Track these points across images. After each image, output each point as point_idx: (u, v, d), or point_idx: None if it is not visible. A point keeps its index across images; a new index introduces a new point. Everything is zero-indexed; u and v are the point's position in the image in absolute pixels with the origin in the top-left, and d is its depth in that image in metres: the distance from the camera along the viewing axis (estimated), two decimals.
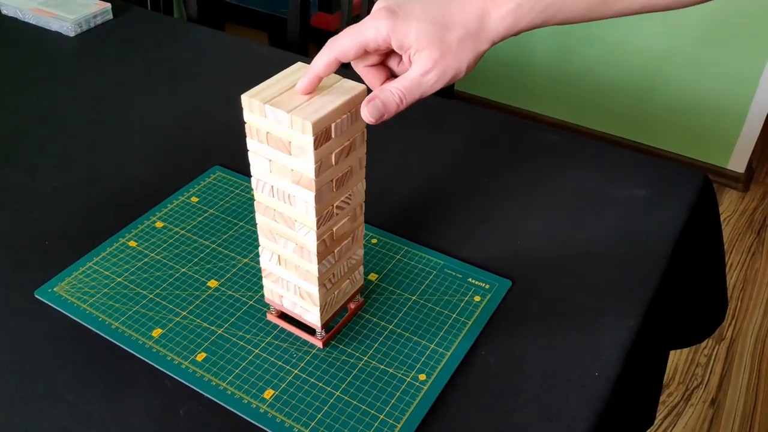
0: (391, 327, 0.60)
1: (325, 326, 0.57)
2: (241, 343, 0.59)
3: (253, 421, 0.53)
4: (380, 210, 0.73)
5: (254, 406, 0.54)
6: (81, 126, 0.87)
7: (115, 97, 0.93)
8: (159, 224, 0.72)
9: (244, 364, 0.57)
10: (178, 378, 0.56)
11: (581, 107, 2.00)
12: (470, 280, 0.65)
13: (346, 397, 0.55)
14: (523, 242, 0.69)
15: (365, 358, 0.58)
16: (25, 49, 1.04)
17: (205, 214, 0.73)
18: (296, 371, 0.57)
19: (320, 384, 0.56)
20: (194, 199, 0.75)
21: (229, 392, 0.55)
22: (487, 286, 0.64)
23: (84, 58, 1.02)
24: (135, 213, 0.73)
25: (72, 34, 1.07)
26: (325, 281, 0.54)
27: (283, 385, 0.56)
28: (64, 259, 0.67)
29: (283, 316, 0.61)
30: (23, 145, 0.83)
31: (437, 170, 0.79)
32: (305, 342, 0.59)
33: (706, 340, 1.43)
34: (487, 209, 0.74)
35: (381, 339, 0.59)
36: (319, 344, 0.58)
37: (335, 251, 0.53)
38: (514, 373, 0.57)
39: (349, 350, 0.58)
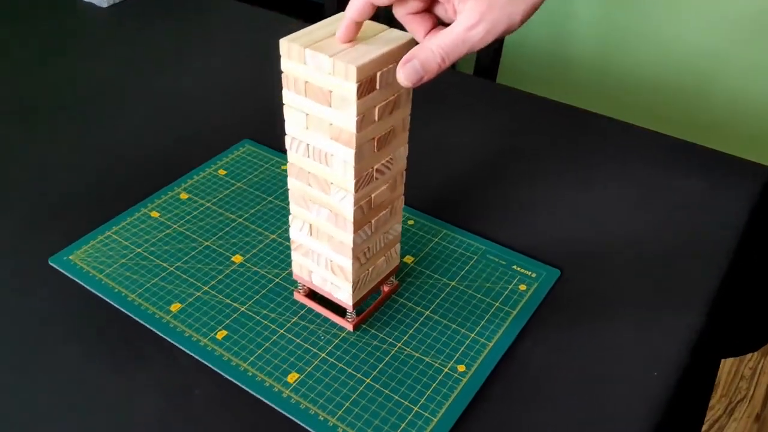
0: (427, 313, 0.55)
1: (357, 306, 0.53)
2: (265, 322, 0.55)
3: (274, 406, 0.49)
4: (418, 192, 0.68)
5: (276, 389, 0.50)
6: (110, 95, 0.83)
7: (146, 68, 0.89)
8: (184, 196, 0.68)
9: (267, 344, 0.53)
10: (195, 356, 0.52)
11: (627, 106, 1.93)
12: (515, 267, 0.60)
13: (377, 386, 0.50)
14: (572, 231, 0.64)
15: (399, 345, 0.53)
16: (57, 18, 1.01)
17: (232, 188, 0.69)
18: (323, 354, 0.52)
19: (349, 370, 0.51)
20: (222, 172, 0.71)
21: (250, 374, 0.51)
22: (534, 275, 0.59)
23: (116, 28, 0.98)
24: (160, 184, 0.69)
25: (105, 5, 1.04)
26: (359, 254, 0.49)
27: (309, 369, 0.51)
28: (82, 227, 0.64)
29: (312, 295, 0.56)
30: (52, 112, 0.80)
31: (479, 154, 0.74)
32: (334, 324, 0.54)
33: (751, 353, 1.35)
34: (531, 196, 0.68)
35: (416, 325, 0.54)
36: (350, 327, 0.54)
37: (372, 222, 0.48)
38: (563, 369, 0.51)
39: (382, 335, 0.54)
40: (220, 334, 0.54)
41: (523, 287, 0.58)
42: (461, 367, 0.51)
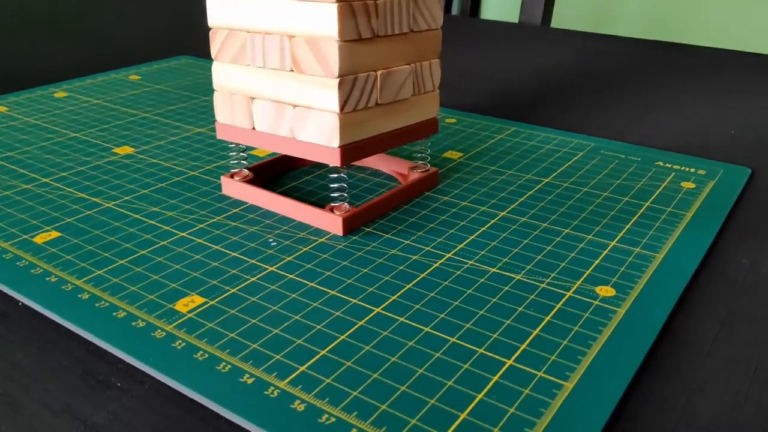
0: (504, 214, 0.26)
1: (350, 156, 0.23)
2: (151, 221, 0.25)
3: (126, 356, 0.18)
4: (462, 97, 0.41)
5: (140, 324, 0.19)
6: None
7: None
8: (60, 94, 0.40)
9: (143, 251, 0.23)
10: None
11: None
12: (660, 163, 0.31)
13: (402, 318, 0.20)
14: (737, 132, 0.36)
15: (450, 255, 0.23)
16: None
17: (145, 89, 0.41)
18: (272, 268, 0.22)
19: (333, 292, 0.21)
20: (134, 77, 0.44)
21: (85, 296, 0.21)
22: (703, 172, 0.30)
23: None
24: (30, 86, 0.42)
25: None
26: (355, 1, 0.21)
27: (233, 290, 0.21)
28: None
29: (256, 182, 0.27)
30: None
31: (555, 77, 0.47)
32: (303, 226, 0.25)
33: None
34: (651, 103, 0.41)
35: (484, 229, 0.25)
36: (337, 228, 0.24)
37: None
38: None
39: (408, 242, 0.24)
40: (43, 237, 0.24)
41: (688, 185, 0.29)
42: (604, 289, 0.21)
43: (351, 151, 0.23)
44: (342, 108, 0.22)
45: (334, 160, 0.23)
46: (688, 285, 0.22)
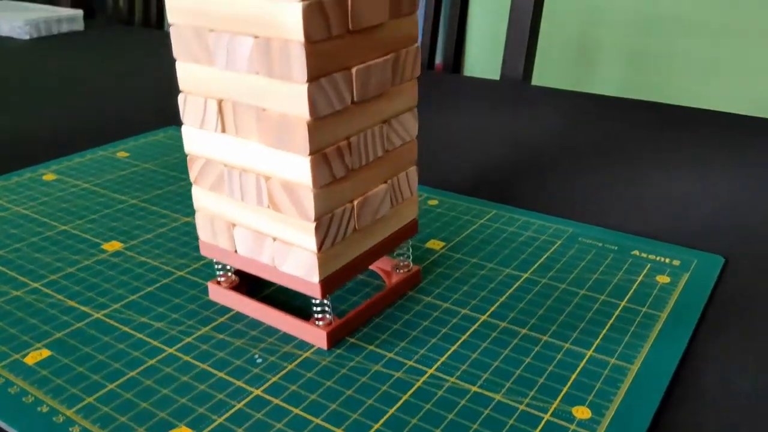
0: (485, 318, 0.27)
1: (330, 287, 0.24)
2: (139, 335, 0.26)
3: None
4: (444, 175, 0.42)
5: None
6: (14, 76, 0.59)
7: (65, 74, 0.65)
8: (49, 177, 0.41)
9: (132, 373, 0.24)
10: None
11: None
12: (636, 253, 0.32)
13: None
14: (702, 216, 0.37)
15: (431, 371, 0.24)
16: None
17: (133, 169, 0.42)
18: (258, 391, 0.23)
19: (317, 420, 0.21)
20: (122, 154, 0.44)
21: (77, 429, 0.21)
22: (678, 263, 0.31)
23: (37, 58, 0.76)
24: (18, 167, 0.43)
25: (26, 37, 0.83)
26: (326, 140, 0.21)
27: (221, 420, 0.21)
28: None
29: (243, 287, 0.28)
30: None
31: (529, 147, 0.48)
32: (288, 339, 0.25)
33: None
34: (629, 177, 0.42)
35: (464, 337, 0.25)
36: (322, 341, 0.25)
37: (353, 73, 0.22)
38: None
39: (391, 355, 0.24)
40: (34, 357, 0.24)
41: (663, 279, 0.29)
42: (581, 411, 0.22)
43: (331, 281, 0.24)
44: (320, 248, 0.23)
45: (315, 293, 0.24)
46: (662, 403, 0.22)
